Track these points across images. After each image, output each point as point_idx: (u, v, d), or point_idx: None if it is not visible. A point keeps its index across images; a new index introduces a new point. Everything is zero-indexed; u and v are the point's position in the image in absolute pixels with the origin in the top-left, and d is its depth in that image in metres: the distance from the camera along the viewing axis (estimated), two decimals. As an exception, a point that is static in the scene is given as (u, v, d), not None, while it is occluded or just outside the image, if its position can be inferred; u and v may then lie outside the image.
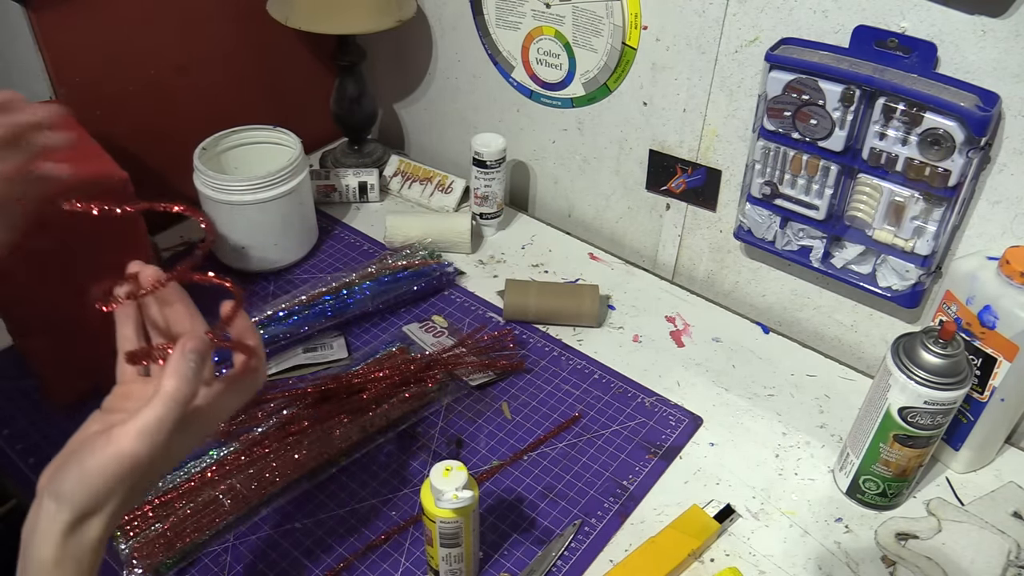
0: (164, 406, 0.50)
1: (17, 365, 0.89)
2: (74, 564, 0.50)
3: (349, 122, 1.22)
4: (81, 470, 0.49)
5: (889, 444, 0.73)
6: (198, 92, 1.10)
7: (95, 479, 0.49)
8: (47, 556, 0.50)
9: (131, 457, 0.49)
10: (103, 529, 0.51)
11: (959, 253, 0.84)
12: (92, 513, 0.50)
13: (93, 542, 0.51)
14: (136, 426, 0.49)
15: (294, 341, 0.93)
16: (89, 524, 0.50)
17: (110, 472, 0.49)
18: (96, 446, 0.50)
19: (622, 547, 0.74)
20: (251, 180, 0.97)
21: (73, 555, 0.50)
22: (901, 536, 0.76)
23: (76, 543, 0.50)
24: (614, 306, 1.03)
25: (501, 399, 0.89)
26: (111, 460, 0.49)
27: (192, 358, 0.52)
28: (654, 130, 1.03)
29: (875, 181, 0.83)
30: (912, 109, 0.76)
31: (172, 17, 1.03)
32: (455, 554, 0.66)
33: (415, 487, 0.80)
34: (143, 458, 0.49)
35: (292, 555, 0.74)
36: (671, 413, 0.88)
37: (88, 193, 0.73)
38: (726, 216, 1.02)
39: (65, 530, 0.49)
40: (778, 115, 0.85)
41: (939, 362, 0.69)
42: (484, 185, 1.10)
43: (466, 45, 1.16)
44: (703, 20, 0.91)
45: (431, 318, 0.99)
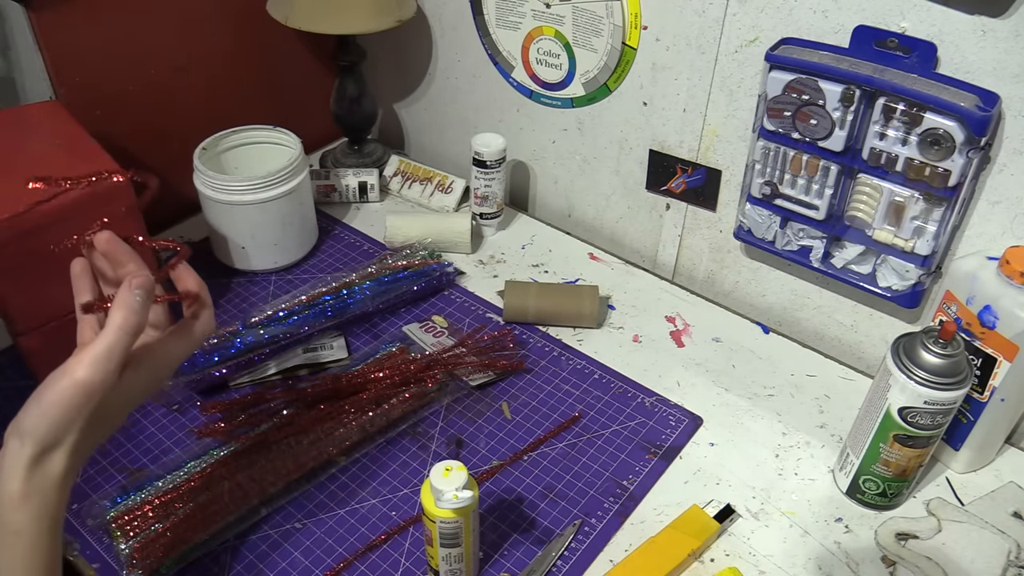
0: (113, 335, 0.53)
1: (17, 365, 0.89)
2: (40, 498, 0.53)
3: (349, 122, 1.22)
4: (39, 404, 0.52)
5: (889, 444, 0.73)
6: (198, 92, 1.10)
7: (53, 409, 0.52)
8: (14, 491, 0.52)
9: (84, 384, 0.52)
10: (66, 462, 0.53)
11: (959, 253, 0.84)
12: (54, 446, 0.53)
13: (57, 477, 0.53)
14: (87, 354, 0.53)
15: (294, 341, 0.93)
16: (52, 457, 0.53)
17: (66, 400, 0.52)
18: (52, 379, 0.53)
19: (622, 547, 0.74)
20: (251, 180, 0.97)
21: (39, 489, 0.53)
22: (901, 536, 0.76)
23: (41, 477, 0.53)
24: (614, 306, 1.03)
25: (501, 399, 0.89)
26: (66, 389, 0.52)
27: (138, 293, 0.55)
28: (654, 130, 1.03)
29: (875, 181, 0.83)
30: (912, 109, 0.76)
31: (172, 17, 1.03)
32: (455, 554, 0.66)
33: (415, 487, 0.80)
34: (96, 384, 0.52)
35: (292, 555, 0.74)
36: (671, 413, 0.88)
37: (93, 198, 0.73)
38: (726, 216, 1.02)
39: (29, 464, 0.52)
40: (778, 115, 0.85)
41: (939, 362, 0.69)
42: (484, 185, 1.10)
43: (466, 45, 1.16)
44: (703, 20, 0.91)
45: (431, 318, 0.99)
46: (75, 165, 0.79)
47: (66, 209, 0.76)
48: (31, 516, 0.53)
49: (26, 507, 0.52)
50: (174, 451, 0.82)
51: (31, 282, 0.77)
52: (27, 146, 0.82)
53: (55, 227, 0.76)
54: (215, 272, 1.05)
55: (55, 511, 0.54)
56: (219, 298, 1.02)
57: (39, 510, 0.53)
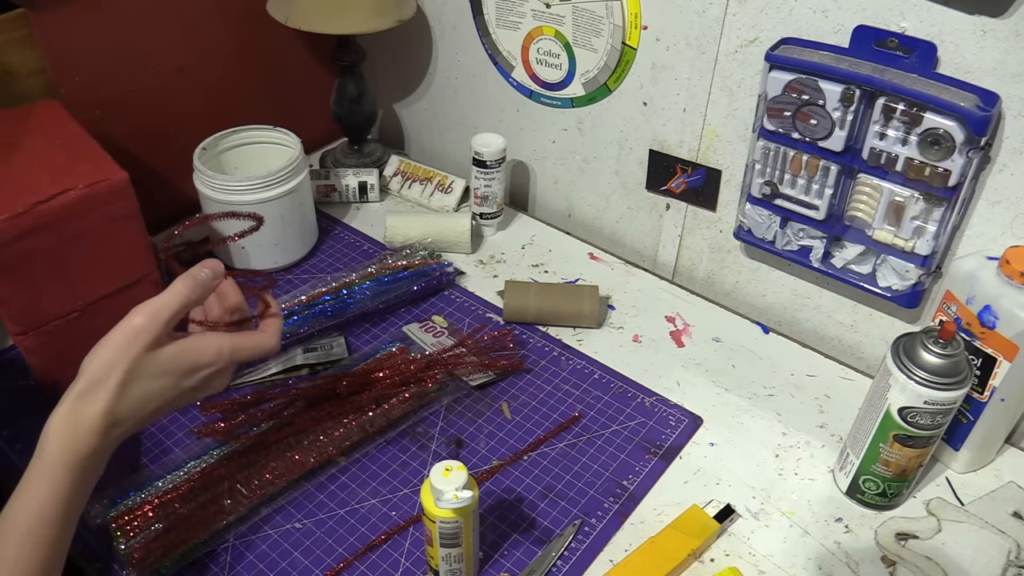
0: (171, 294, 0.60)
1: (17, 365, 0.89)
2: (71, 431, 0.57)
3: (349, 122, 1.22)
4: (99, 345, 0.59)
5: (889, 444, 0.73)
6: (198, 92, 1.10)
7: (106, 348, 0.58)
8: (54, 416, 0.57)
9: (134, 327, 0.59)
10: (105, 403, 0.58)
11: (959, 253, 0.84)
12: (99, 382, 0.58)
13: (93, 416, 0.57)
14: (144, 305, 0.60)
15: (294, 341, 0.93)
16: (95, 394, 0.57)
17: (117, 340, 0.58)
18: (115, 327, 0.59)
19: (622, 547, 0.74)
20: (251, 180, 0.97)
21: (74, 423, 0.57)
22: (901, 536, 0.76)
23: (79, 412, 0.57)
24: (614, 306, 1.03)
25: (501, 399, 0.89)
26: (118, 331, 0.59)
27: (207, 271, 0.63)
28: (654, 130, 1.03)
29: (875, 181, 0.83)
30: (912, 109, 0.76)
31: (172, 17, 1.03)
32: (455, 554, 0.66)
33: (415, 487, 0.80)
34: (143, 328, 0.59)
35: (292, 555, 0.74)
36: (671, 413, 0.88)
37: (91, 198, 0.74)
38: (726, 216, 1.02)
39: (75, 395, 0.58)
40: (778, 115, 0.85)
41: (939, 362, 0.69)
42: (484, 185, 1.10)
43: (466, 45, 1.16)
44: (703, 20, 0.91)
45: (431, 318, 0.99)
46: (75, 165, 0.79)
47: (66, 209, 0.76)
48: (58, 446, 0.57)
49: (56, 435, 0.57)
50: (174, 451, 0.82)
51: (31, 282, 0.77)
52: (27, 146, 0.82)
53: (55, 227, 0.76)
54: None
55: (81, 452, 0.57)
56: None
57: (66, 441, 0.57)
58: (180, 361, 0.61)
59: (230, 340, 0.65)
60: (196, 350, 0.62)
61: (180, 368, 0.61)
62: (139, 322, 0.59)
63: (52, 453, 0.56)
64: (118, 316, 0.83)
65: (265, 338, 0.67)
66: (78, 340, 0.82)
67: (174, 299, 0.60)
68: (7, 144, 0.81)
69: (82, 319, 0.82)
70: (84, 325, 0.82)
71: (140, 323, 0.59)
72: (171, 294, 0.61)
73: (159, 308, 0.60)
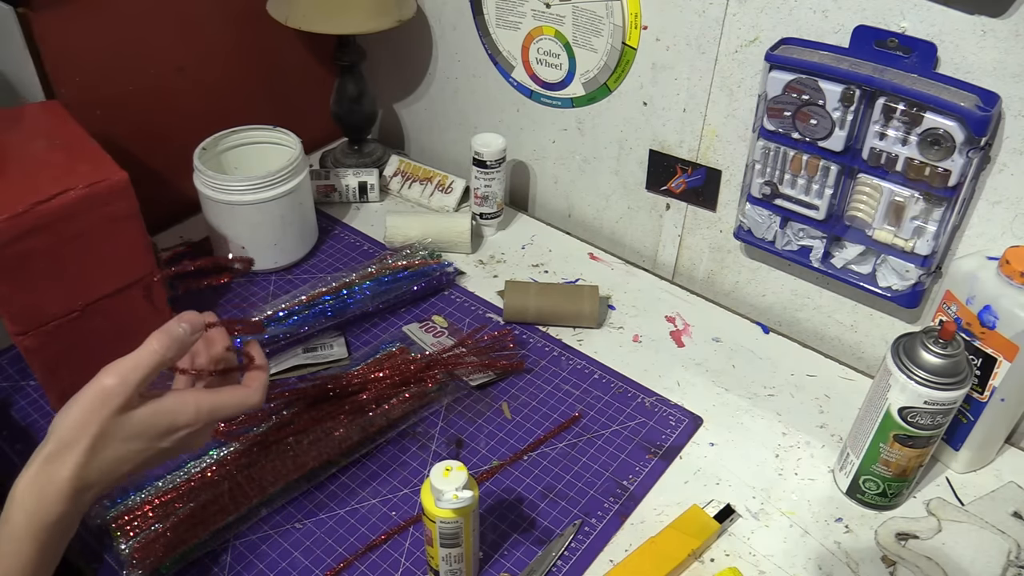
0: (145, 351, 0.57)
1: (17, 365, 0.89)
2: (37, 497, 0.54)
3: (349, 122, 1.22)
4: (68, 406, 0.56)
5: (889, 444, 0.73)
6: (198, 92, 1.10)
7: (75, 409, 0.55)
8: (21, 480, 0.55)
9: (104, 389, 0.55)
10: (73, 468, 0.55)
11: (959, 253, 0.84)
12: (67, 446, 0.55)
13: (61, 481, 0.54)
14: (116, 364, 0.57)
15: (294, 341, 0.93)
16: (63, 457, 0.55)
17: (86, 402, 0.55)
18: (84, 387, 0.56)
19: (622, 547, 0.74)
20: (251, 180, 0.97)
21: (40, 487, 0.54)
22: (901, 536, 0.76)
23: (47, 475, 0.54)
24: (614, 306, 1.03)
25: (501, 399, 0.89)
26: (88, 392, 0.56)
27: (184, 326, 0.59)
28: (654, 130, 1.03)
29: (875, 181, 0.83)
30: (912, 109, 0.76)
31: (172, 17, 1.03)
32: (455, 554, 0.66)
33: (415, 487, 0.80)
34: (114, 390, 0.55)
35: (292, 555, 0.74)
36: (671, 413, 0.88)
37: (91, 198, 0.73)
38: (726, 216, 1.02)
39: (43, 459, 0.55)
40: (778, 115, 0.85)
41: (939, 362, 0.69)
42: (484, 185, 1.10)
43: (466, 45, 1.16)
44: (703, 20, 0.91)
45: (431, 318, 0.99)
46: (75, 165, 0.79)
47: (66, 209, 0.76)
48: (23, 514, 0.54)
49: (23, 502, 0.54)
50: (174, 451, 0.82)
51: (31, 282, 0.77)
52: (27, 146, 0.82)
53: (55, 227, 0.76)
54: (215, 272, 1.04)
55: (47, 519, 0.54)
56: (219, 298, 1.02)
57: (32, 509, 0.54)
58: (154, 423, 0.58)
59: (209, 399, 0.61)
60: (171, 411, 0.59)
61: (154, 431, 0.58)
62: (109, 383, 0.55)
63: (17, 522, 0.53)
64: (118, 316, 0.84)
65: (248, 393, 0.63)
66: (78, 340, 0.82)
67: (147, 359, 0.57)
68: (7, 144, 0.81)
69: (82, 319, 0.81)
70: (84, 325, 0.82)
71: (110, 385, 0.55)
72: (144, 353, 0.57)
73: (130, 369, 0.56)
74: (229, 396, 0.62)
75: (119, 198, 0.79)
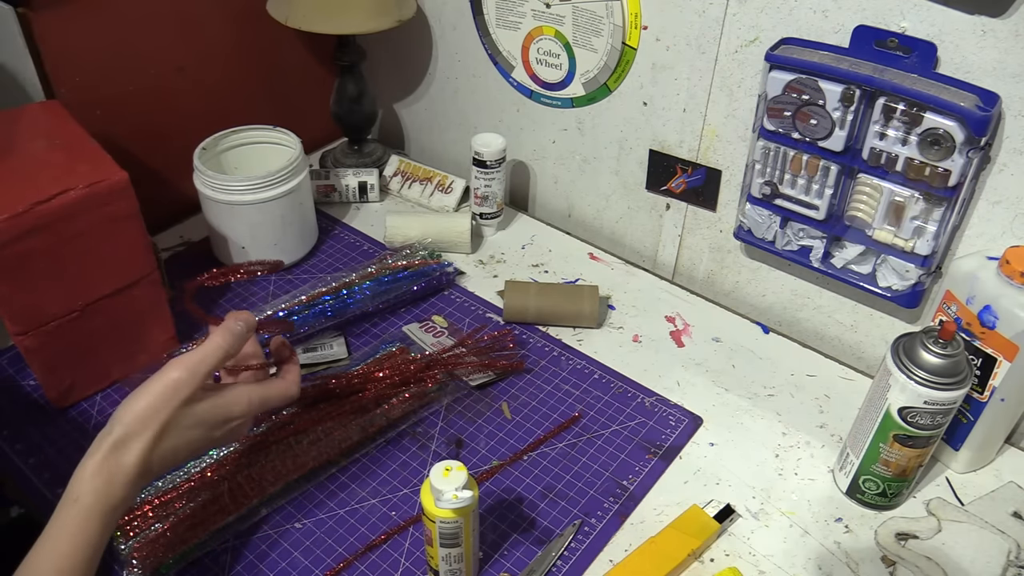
0: (210, 347, 0.62)
1: (17, 365, 0.89)
2: (105, 480, 0.58)
3: (349, 122, 1.22)
4: (134, 396, 0.60)
5: (889, 444, 0.73)
6: (198, 92, 1.10)
7: (142, 400, 0.59)
8: (89, 463, 0.58)
9: (174, 380, 0.60)
10: (140, 455, 0.59)
11: (959, 253, 0.84)
12: (135, 434, 0.59)
13: (128, 467, 0.59)
14: (183, 359, 0.61)
15: (294, 341, 0.93)
16: (130, 445, 0.59)
17: (155, 393, 0.59)
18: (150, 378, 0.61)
19: (622, 547, 0.74)
20: (251, 180, 0.97)
21: (108, 472, 0.58)
22: (901, 536, 0.76)
23: (115, 461, 0.58)
24: (614, 306, 1.03)
25: (501, 399, 0.89)
26: (157, 383, 0.60)
27: (240, 323, 0.65)
28: (654, 130, 1.03)
29: (875, 181, 0.83)
30: (912, 109, 0.76)
31: (172, 17, 1.03)
32: (455, 554, 0.66)
33: (415, 487, 0.80)
34: (183, 382, 0.60)
35: (292, 555, 0.74)
36: (671, 413, 0.88)
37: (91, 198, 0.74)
38: (726, 216, 1.02)
39: (110, 445, 0.58)
40: (778, 115, 0.85)
41: (939, 362, 0.69)
42: (484, 185, 1.10)
43: (466, 45, 1.16)
44: (703, 20, 0.91)
45: (431, 318, 0.99)
46: (75, 165, 0.79)
47: (66, 209, 0.76)
48: (92, 493, 0.57)
49: (91, 483, 0.58)
50: (174, 451, 0.82)
51: (31, 282, 0.77)
52: (27, 146, 0.82)
53: (55, 227, 0.76)
54: (215, 272, 1.05)
55: (113, 501, 0.58)
56: (219, 298, 1.02)
57: (101, 491, 0.58)
58: (214, 414, 0.63)
59: (259, 391, 0.67)
60: (228, 403, 0.64)
61: (213, 420, 0.63)
62: (178, 376, 0.60)
63: (86, 504, 0.57)
64: (118, 316, 0.84)
65: (287, 386, 0.70)
66: (78, 340, 0.82)
67: (213, 353, 0.62)
68: (7, 144, 0.81)
69: (82, 319, 0.81)
70: (84, 325, 0.82)
71: (179, 377, 0.60)
72: (209, 348, 0.62)
73: (198, 362, 0.61)
74: (275, 388, 0.68)
75: (119, 198, 0.79)
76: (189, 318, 0.97)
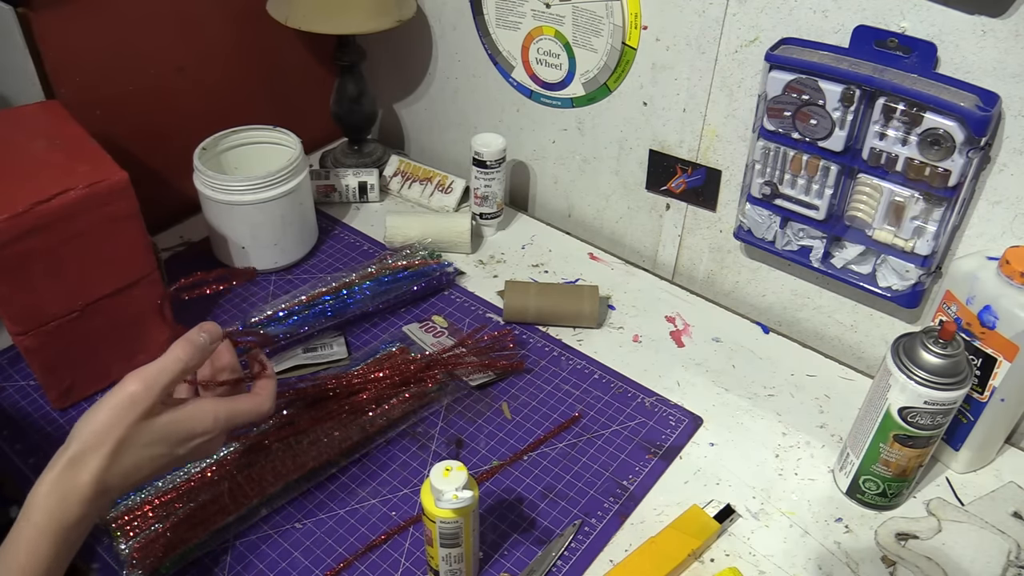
0: (169, 359, 0.59)
1: (17, 365, 0.89)
2: (58, 498, 0.55)
3: (349, 122, 1.22)
4: (91, 411, 0.57)
5: (889, 444, 0.73)
6: (198, 92, 1.10)
7: (99, 414, 0.57)
8: (43, 480, 0.56)
9: (129, 395, 0.57)
10: (95, 472, 0.56)
11: (959, 253, 0.84)
12: (91, 449, 0.56)
13: (82, 484, 0.55)
14: (141, 371, 0.58)
15: (294, 341, 0.93)
16: (85, 460, 0.56)
17: (112, 407, 0.57)
18: (108, 393, 0.58)
19: (622, 547, 0.74)
20: (251, 180, 0.97)
21: (62, 489, 0.55)
22: (901, 536, 0.76)
23: (69, 478, 0.55)
24: (614, 306, 1.03)
25: (501, 399, 0.89)
26: (113, 397, 0.57)
27: (203, 335, 0.62)
28: (654, 130, 1.03)
29: (875, 181, 0.83)
30: (912, 109, 0.76)
31: (172, 17, 1.03)
32: (455, 554, 0.66)
33: (415, 487, 0.80)
34: (140, 396, 0.57)
35: (292, 555, 0.74)
36: (671, 413, 0.88)
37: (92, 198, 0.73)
38: (726, 216, 1.02)
39: (65, 461, 0.56)
40: (778, 115, 0.85)
41: (939, 362, 0.69)
42: (484, 185, 1.10)
43: (466, 45, 1.16)
44: (703, 20, 0.91)
45: (431, 318, 0.99)
46: (75, 165, 0.79)
47: (66, 209, 0.76)
48: (45, 514, 0.55)
49: (45, 501, 0.55)
50: (174, 451, 0.82)
51: (31, 282, 0.77)
52: (27, 146, 0.82)
53: (55, 227, 0.76)
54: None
55: (68, 520, 0.55)
56: (219, 298, 1.02)
57: (55, 509, 0.55)
58: (174, 430, 0.60)
59: (226, 407, 0.63)
60: (191, 418, 0.61)
61: (174, 437, 0.60)
62: (134, 390, 0.57)
63: (38, 522, 0.54)
64: (118, 316, 0.84)
65: (260, 401, 0.66)
66: (78, 340, 0.82)
67: (172, 365, 0.59)
68: (7, 144, 0.81)
69: (82, 319, 0.81)
70: (84, 325, 0.82)
71: (135, 391, 0.57)
72: (168, 360, 0.59)
73: (155, 375, 0.58)
74: (244, 404, 0.65)
75: (119, 198, 0.79)
76: (189, 318, 0.97)
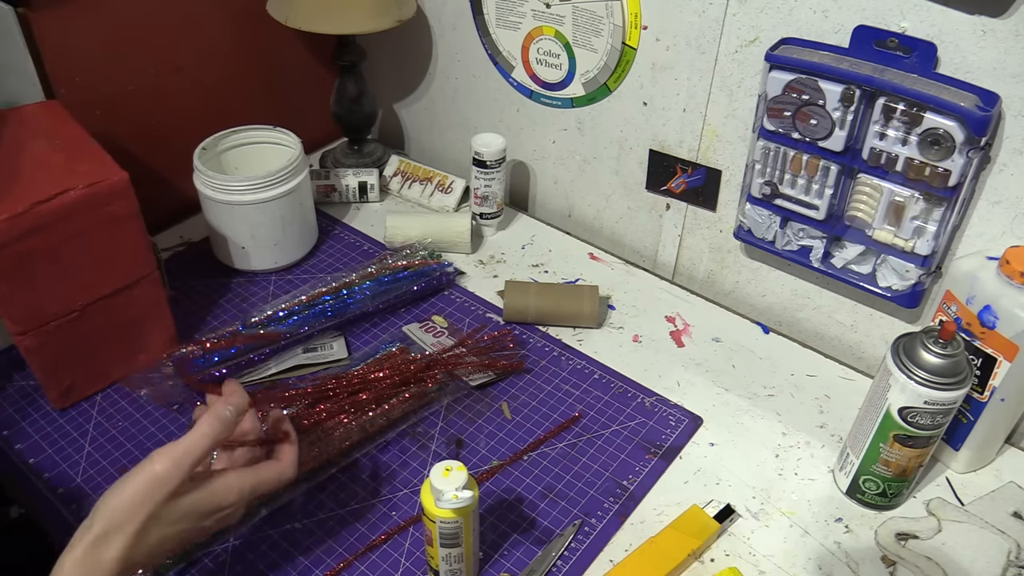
0: (197, 436, 0.58)
1: (17, 365, 0.89)
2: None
3: (349, 122, 1.22)
4: (116, 489, 0.56)
5: (889, 444, 0.73)
6: (198, 92, 1.10)
7: (125, 494, 0.56)
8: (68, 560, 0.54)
9: (157, 474, 0.56)
10: (122, 551, 0.55)
11: (959, 253, 0.84)
12: (117, 528, 0.55)
13: (110, 562, 0.55)
14: (169, 450, 0.57)
15: (294, 341, 0.93)
16: (112, 540, 0.55)
17: (139, 487, 0.56)
18: (134, 469, 0.57)
19: (622, 547, 0.74)
20: (251, 180, 0.97)
21: (87, 567, 0.54)
22: (901, 536, 0.76)
23: (95, 557, 0.54)
24: (614, 306, 1.03)
25: (501, 399, 0.89)
26: (140, 475, 0.56)
27: (230, 408, 0.61)
28: (654, 130, 1.03)
29: (875, 181, 0.83)
30: (912, 109, 0.76)
31: (172, 17, 1.03)
32: (455, 554, 0.66)
33: (415, 487, 0.80)
34: (168, 476, 0.56)
35: (292, 555, 0.74)
36: (671, 413, 0.88)
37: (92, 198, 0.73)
38: (726, 216, 1.02)
39: (91, 541, 0.54)
40: (778, 115, 0.85)
41: (939, 362, 0.69)
42: (484, 185, 1.10)
43: (466, 45, 1.16)
44: (703, 20, 0.91)
45: (431, 318, 0.99)
46: (75, 165, 0.79)
47: (66, 209, 0.76)
48: None
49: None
50: (174, 451, 0.82)
51: (31, 282, 0.77)
52: (27, 146, 0.82)
53: (55, 227, 0.76)
54: (215, 272, 1.05)
55: None
56: (219, 298, 1.02)
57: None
58: (201, 507, 0.60)
59: (251, 479, 0.63)
60: (217, 493, 0.61)
61: (201, 512, 0.60)
62: (162, 469, 0.57)
63: None
64: (118, 316, 0.84)
65: (283, 468, 0.66)
66: (78, 340, 0.82)
67: (200, 443, 0.59)
68: (7, 144, 0.81)
69: (82, 319, 0.81)
70: (84, 325, 0.82)
71: (163, 470, 0.57)
72: (196, 437, 0.59)
73: (183, 454, 0.58)
74: (267, 473, 0.65)
75: (119, 198, 0.79)
76: (189, 318, 0.97)
